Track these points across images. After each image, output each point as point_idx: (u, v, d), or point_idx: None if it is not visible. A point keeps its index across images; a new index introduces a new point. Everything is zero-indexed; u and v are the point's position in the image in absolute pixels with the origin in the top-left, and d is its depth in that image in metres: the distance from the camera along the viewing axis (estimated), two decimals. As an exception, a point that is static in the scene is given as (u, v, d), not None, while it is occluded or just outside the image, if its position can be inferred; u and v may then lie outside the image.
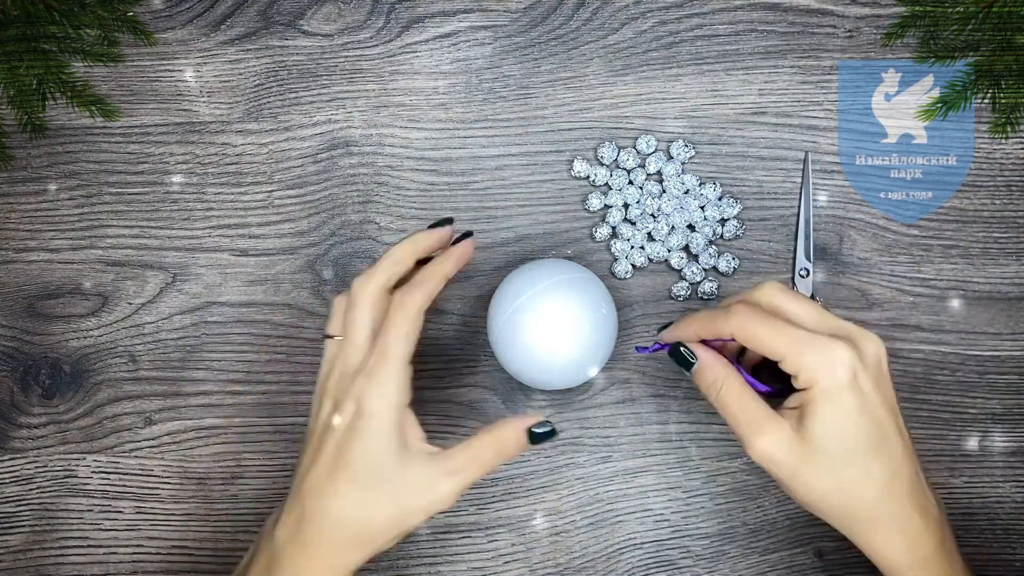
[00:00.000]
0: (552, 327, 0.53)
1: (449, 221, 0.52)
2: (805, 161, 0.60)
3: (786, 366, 0.46)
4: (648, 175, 0.62)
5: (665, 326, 0.52)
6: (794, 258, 0.60)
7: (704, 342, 0.50)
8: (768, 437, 0.46)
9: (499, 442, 0.48)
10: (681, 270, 0.61)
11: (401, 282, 0.50)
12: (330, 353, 0.49)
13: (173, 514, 0.62)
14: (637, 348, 0.54)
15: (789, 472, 0.46)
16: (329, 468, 0.46)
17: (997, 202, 0.61)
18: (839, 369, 0.45)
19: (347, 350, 0.48)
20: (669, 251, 0.61)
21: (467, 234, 0.52)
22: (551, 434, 0.49)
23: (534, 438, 0.48)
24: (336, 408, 0.47)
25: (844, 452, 0.46)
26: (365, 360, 0.47)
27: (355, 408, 0.46)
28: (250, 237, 0.63)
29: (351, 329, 0.48)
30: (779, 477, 0.47)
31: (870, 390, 0.46)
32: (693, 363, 0.50)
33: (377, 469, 0.45)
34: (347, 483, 0.46)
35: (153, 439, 0.62)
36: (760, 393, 0.49)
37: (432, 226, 0.52)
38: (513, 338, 0.54)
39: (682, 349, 0.50)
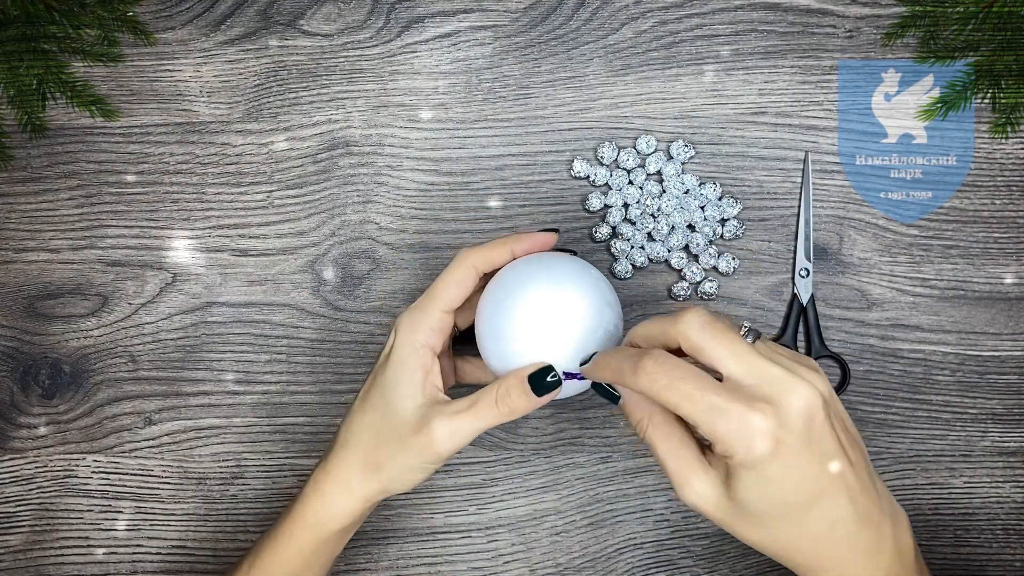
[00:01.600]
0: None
1: (555, 231, 0.52)
2: (805, 161, 0.60)
3: (701, 432, 0.42)
4: (648, 175, 0.62)
5: (589, 358, 0.47)
6: (794, 258, 0.60)
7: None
8: (694, 489, 0.43)
9: (501, 392, 0.48)
10: (681, 270, 0.61)
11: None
12: None
13: (173, 514, 0.62)
14: (565, 374, 0.48)
15: (720, 522, 0.44)
16: (365, 390, 0.51)
17: (997, 202, 0.61)
18: (756, 442, 0.41)
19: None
20: (669, 251, 0.61)
21: (554, 230, 0.52)
22: (555, 383, 0.48)
23: (537, 388, 0.48)
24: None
25: (774, 514, 0.43)
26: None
27: (393, 337, 0.51)
28: (250, 237, 0.63)
29: (437, 282, 0.51)
30: (713, 521, 0.45)
31: (797, 451, 0.41)
32: (617, 397, 0.47)
33: (391, 402, 0.49)
34: (371, 411, 0.50)
35: (153, 439, 0.62)
36: None
37: (542, 231, 0.52)
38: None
39: (604, 384, 0.47)
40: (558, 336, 0.48)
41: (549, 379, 0.48)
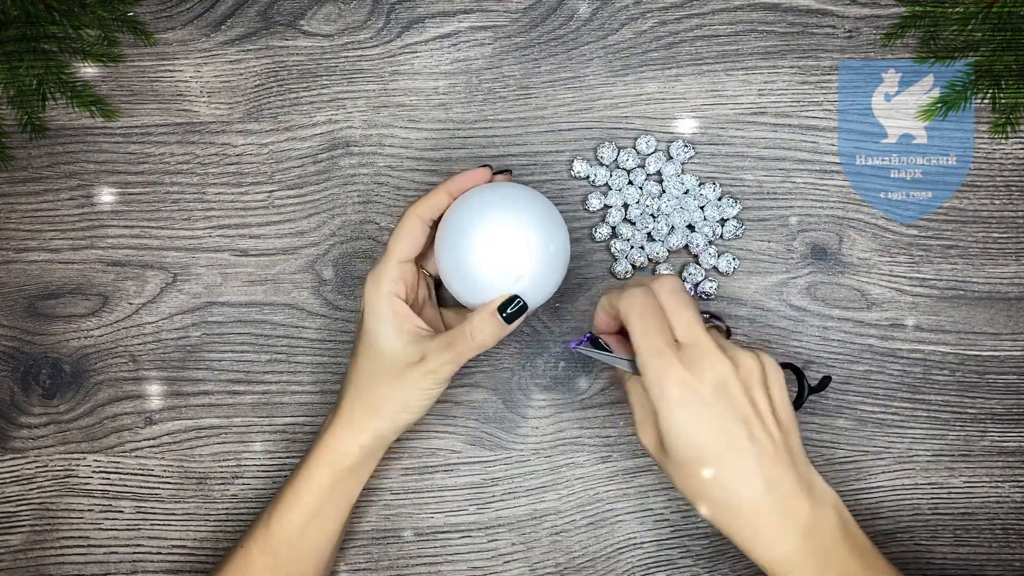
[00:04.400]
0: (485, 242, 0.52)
1: (487, 167, 0.56)
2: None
3: (638, 365, 0.49)
4: (648, 175, 0.62)
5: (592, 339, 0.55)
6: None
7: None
8: (647, 432, 0.51)
9: (475, 327, 0.53)
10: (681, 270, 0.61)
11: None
12: None
13: (173, 514, 0.62)
14: (572, 343, 0.55)
15: (659, 464, 0.51)
16: (355, 345, 0.56)
17: (997, 202, 0.61)
18: (668, 388, 0.47)
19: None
20: (669, 251, 0.61)
21: (487, 166, 0.56)
22: (521, 310, 0.53)
23: (507, 317, 0.53)
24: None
25: (688, 457, 0.48)
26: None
27: (363, 300, 0.55)
28: (250, 237, 0.63)
29: (391, 238, 0.56)
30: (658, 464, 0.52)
31: (707, 404, 0.47)
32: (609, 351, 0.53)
33: (377, 348, 0.54)
34: (361, 358, 0.55)
35: (153, 439, 0.62)
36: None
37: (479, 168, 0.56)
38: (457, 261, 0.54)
39: (601, 340, 0.54)
40: (511, 260, 0.52)
41: (513, 308, 0.53)
